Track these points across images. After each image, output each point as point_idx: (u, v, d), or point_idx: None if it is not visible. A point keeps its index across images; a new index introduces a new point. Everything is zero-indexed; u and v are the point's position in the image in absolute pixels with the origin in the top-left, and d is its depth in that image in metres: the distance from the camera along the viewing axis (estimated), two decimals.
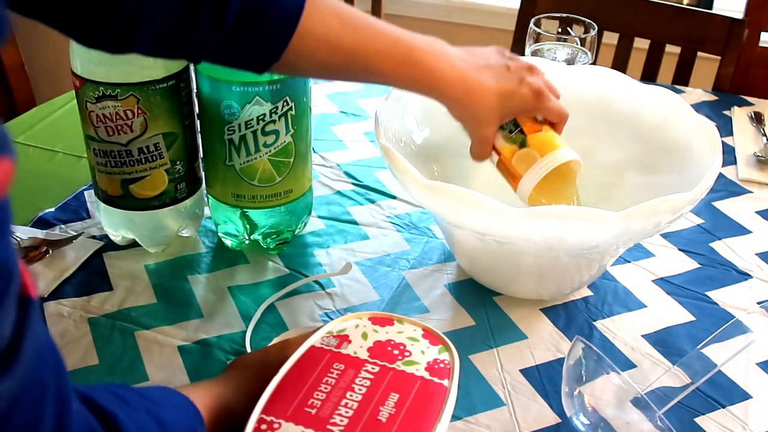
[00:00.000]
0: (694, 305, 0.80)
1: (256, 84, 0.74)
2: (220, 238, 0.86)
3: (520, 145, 0.71)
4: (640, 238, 0.71)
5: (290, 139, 0.78)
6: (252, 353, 0.67)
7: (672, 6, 1.34)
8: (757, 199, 0.98)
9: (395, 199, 0.95)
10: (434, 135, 0.85)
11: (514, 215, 0.65)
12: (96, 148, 0.78)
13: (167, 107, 0.77)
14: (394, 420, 0.52)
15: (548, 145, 0.71)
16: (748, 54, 1.34)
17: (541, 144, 0.71)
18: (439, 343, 0.60)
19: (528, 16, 1.29)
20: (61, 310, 0.77)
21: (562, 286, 0.79)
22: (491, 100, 0.68)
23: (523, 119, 0.72)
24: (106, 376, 0.70)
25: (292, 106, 0.76)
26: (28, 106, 1.25)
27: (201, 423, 0.54)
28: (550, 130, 0.72)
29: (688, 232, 0.92)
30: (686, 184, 0.70)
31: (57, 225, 0.88)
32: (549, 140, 0.71)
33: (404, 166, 0.70)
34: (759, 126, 1.14)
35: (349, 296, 0.80)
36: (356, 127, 1.11)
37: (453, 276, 0.83)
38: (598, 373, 0.64)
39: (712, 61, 1.33)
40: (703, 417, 0.68)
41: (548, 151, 0.71)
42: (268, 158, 0.78)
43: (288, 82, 0.75)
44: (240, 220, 0.83)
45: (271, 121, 0.76)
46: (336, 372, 0.56)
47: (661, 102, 0.83)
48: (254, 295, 0.79)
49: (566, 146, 0.72)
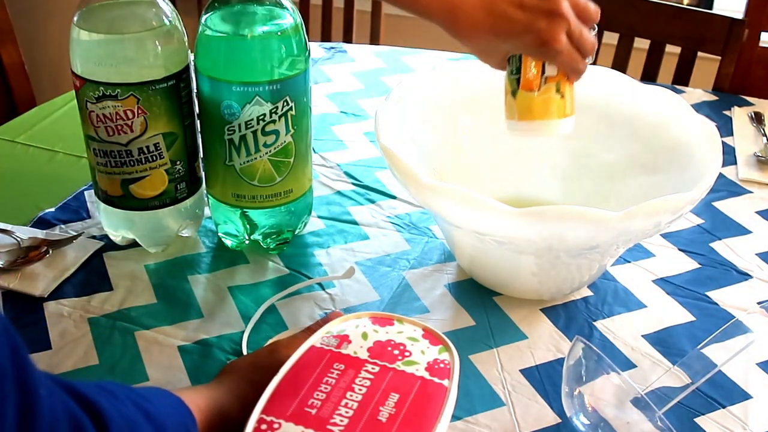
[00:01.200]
0: (694, 305, 0.80)
1: (257, 84, 0.74)
2: (220, 238, 0.86)
3: (512, 93, 0.68)
4: (641, 238, 0.71)
5: (290, 139, 0.78)
6: (244, 357, 0.67)
7: (672, 6, 1.34)
8: (757, 199, 0.98)
9: (395, 199, 0.95)
10: (434, 135, 0.85)
11: (514, 215, 0.65)
12: (96, 148, 0.78)
13: (167, 107, 0.77)
14: (394, 420, 0.52)
15: (532, 110, 0.67)
16: (748, 54, 1.34)
17: (525, 106, 0.67)
18: (439, 343, 0.60)
19: None
20: (61, 310, 0.77)
21: (562, 286, 0.79)
22: (480, 41, 0.63)
23: (527, 63, 0.66)
24: (107, 376, 0.70)
25: (293, 106, 0.76)
26: (28, 106, 1.25)
27: (193, 423, 0.54)
28: (551, 88, 0.66)
29: (688, 232, 0.92)
30: (686, 184, 0.70)
31: (57, 225, 0.88)
32: (535, 105, 0.66)
33: (404, 166, 0.70)
34: (759, 126, 1.14)
35: (349, 296, 0.80)
36: (356, 127, 1.11)
37: (453, 276, 0.83)
38: (598, 373, 0.64)
39: (713, 61, 1.33)
40: (703, 417, 0.68)
41: (527, 118, 0.67)
42: (268, 158, 0.78)
43: (288, 82, 0.75)
44: (240, 220, 0.83)
45: (271, 121, 0.76)
46: (336, 372, 0.56)
47: (661, 102, 0.83)
48: (254, 295, 0.79)
49: (553, 115, 0.67)
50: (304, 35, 0.76)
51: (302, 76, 0.77)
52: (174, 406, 0.53)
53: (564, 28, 0.63)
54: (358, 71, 1.27)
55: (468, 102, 0.88)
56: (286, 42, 0.75)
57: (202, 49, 0.76)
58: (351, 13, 1.67)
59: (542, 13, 0.61)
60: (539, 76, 0.66)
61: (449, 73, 0.88)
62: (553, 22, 0.62)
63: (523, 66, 0.66)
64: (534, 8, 0.61)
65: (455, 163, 0.86)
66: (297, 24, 0.76)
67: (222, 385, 0.60)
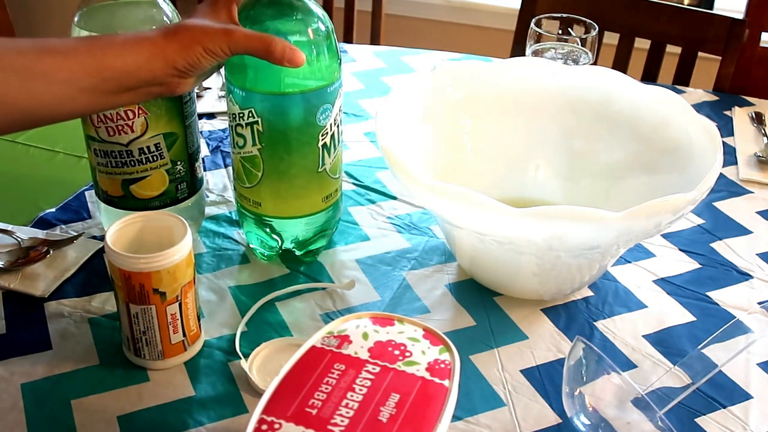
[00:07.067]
0: (695, 305, 0.80)
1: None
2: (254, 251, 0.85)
3: None
4: (641, 238, 0.71)
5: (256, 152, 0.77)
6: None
7: (673, 6, 1.34)
8: (758, 199, 0.98)
9: (396, 199, 0.95)
10: (435, 135, 0.85)
11: (514, 215, 0.65)
12: (97, 149, 0.78)
13: (168, 107, 0.77)
14: (394, 420, 0.52)
15: None
16: (748, 54, 1.34)
17: None
18: (440, 343, 0.60)
19: (529, 16, 1.29)
20: (61, 310, 0.77)
21: (562, 287, 0.79)
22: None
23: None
24: (107, 376, 0.70)
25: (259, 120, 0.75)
26: None
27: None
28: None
29: (689, 232, 0.92)
30: (687, 184, 0.70)
31: (58, 225, 0.88)
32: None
33: (405, 167, 0.70)
34: (760, 126, 1.14)
35: (349, 297, 0.80)
36: (357, 127, 1.11)
37: (453, 276, 0.83)
38: (599, 373, 0.64)
39: (713, 61, 1.33)
40: (703, 417, 0.68)
41: None
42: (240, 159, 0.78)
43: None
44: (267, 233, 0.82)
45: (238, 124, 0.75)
46: (337, 372, 0.56)
47: (661, 102, 0.83)
48: (254, 295, 0.79)
49: None
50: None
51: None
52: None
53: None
54: (358, 71, 1.27)
55: (468, 102, 0.88)
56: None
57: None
58: (351, 13, 1.67)
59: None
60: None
61: (449, 73, 0.88)
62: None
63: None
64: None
65: (455, 163, 0.86)
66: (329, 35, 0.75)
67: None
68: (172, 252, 0.65)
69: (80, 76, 0.62)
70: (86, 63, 0.62)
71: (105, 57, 0.62)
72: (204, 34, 0.64)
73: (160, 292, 0.66)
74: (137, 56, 0.63)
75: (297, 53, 0.67)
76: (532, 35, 1.06)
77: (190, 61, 0.64)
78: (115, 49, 0.63)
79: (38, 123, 0.66)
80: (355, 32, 1.69)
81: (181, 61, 0.64)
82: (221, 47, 0.64)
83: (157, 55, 0.63)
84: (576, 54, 1.06)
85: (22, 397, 0.67)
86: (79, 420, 0.66)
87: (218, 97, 1.15)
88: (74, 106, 0.64)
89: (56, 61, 0.61)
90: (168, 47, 0.63)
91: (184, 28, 0.64)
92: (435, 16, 2.26)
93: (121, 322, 0.69)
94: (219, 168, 1.00)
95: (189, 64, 0.64)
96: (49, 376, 0.70)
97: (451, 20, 2.26)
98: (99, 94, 0.63)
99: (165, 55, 0.63)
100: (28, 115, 0.63)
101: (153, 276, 0.65)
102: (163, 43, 0.63)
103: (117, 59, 0.63)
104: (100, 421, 0.66)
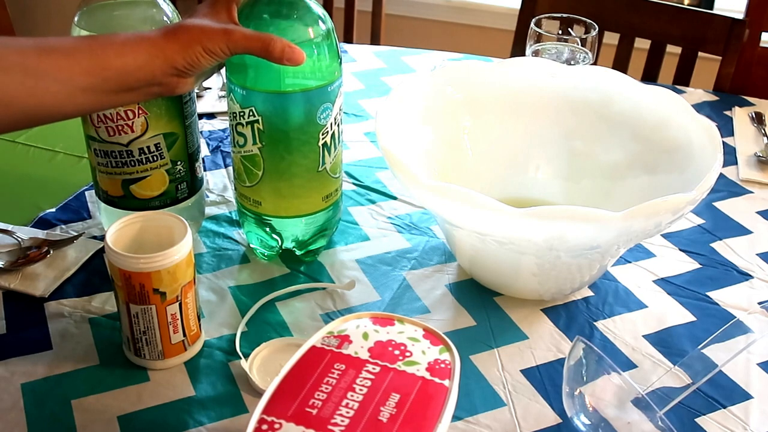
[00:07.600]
0: (695, 305, 0.80)
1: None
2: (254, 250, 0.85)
3: None
4: (641, 238, 0.71)
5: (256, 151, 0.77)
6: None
7: (673, 6, 1.34)
8: (758, 199, 0.98)
9: (396, 199, 0.95)
10: (435, 135, 0.85)
11: (514, 215, 0.65)
12: (97, 149, 0.79)
13: (168, 107, 0.77)
14: (395, 420, 0.52)
15: None
16: (748, 54, 1.34)
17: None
18: (440, 343, 0.60)
19: (529, 16, 1.30)
20: (61, 310, 0.77)
21: (562, 287, 0.79)
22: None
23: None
24: (108, 376, 0.70)
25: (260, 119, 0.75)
26: None
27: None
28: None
29: (689, 232, 0.92)
30: (687, 184, 0.70)
31: (58, 225, 0.88)
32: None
33: (405, 167, 0.70)
34: (760, 126, 1.14)
35: (349, 297, 0.80)
36: (357, 127, 1.11)
37: (454, 276, 0.83)
38: (599, 373, 0.64)
39: (713, 61, 1.33)
40: (703, 417, 0.68)
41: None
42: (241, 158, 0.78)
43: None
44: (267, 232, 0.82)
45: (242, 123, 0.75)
46: (337, 372, 0.56)
47: (661, 102, 0.83)
48: (254, 295, 0.79)
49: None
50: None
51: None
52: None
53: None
54: (358, 71, 1.27)
55: (468, 102, 0.88)
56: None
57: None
58: (351, 13, 1.67)
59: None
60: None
61: (449, 73, 0.88)
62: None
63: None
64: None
65: (455, 163, 0.86)
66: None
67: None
68: (172, 252, 0.65)
69: (80, 76, 0.62)
70: (86, 62, 0.62)
71: (105, 56, 0.62)
72: (203, 33, 0.64)
73: (160, 292, 0.66)
74: (137, 56, 0.63)
75: (297, 52, 0.67)
76: (532, 35, 1.06)
77: (190, 60, 0.64)
78: (115, 49, 0.63)
79: (38, 122, 0.66)
80: (355, 32, 1.69)
81: (181, 61, 0.64)
82: (221, 47, 0.64)
83: (157, 54, 0.63)
84: (576, 54, 1.06)
85: (22, 397, 0.67)
86: (79, 420, 0.66)
87: (218, 97, 1.15)
88: (74, 106, 0.64)
89: (56, 61, 0.61)
90: (168, 47, 0.63)
91: (184, 28, 0.64)
92: (435, 16, 2.26)
93: (121, 322, 0.69)
94: (219, 168, 1.00)
95: (188, 64, 0.64)
96: (49, 376, 0.70)
97: (451, 20, 2.26)
98: (99, 94, 0.63)
99: (165, 54, 0.63)
100: (28, 114, 0.63)
101: (153, 276, 0.65)
102: (162, 43, 0.63)
103: (117, 59, 0.63)
104: (100, 421, 0.66)
